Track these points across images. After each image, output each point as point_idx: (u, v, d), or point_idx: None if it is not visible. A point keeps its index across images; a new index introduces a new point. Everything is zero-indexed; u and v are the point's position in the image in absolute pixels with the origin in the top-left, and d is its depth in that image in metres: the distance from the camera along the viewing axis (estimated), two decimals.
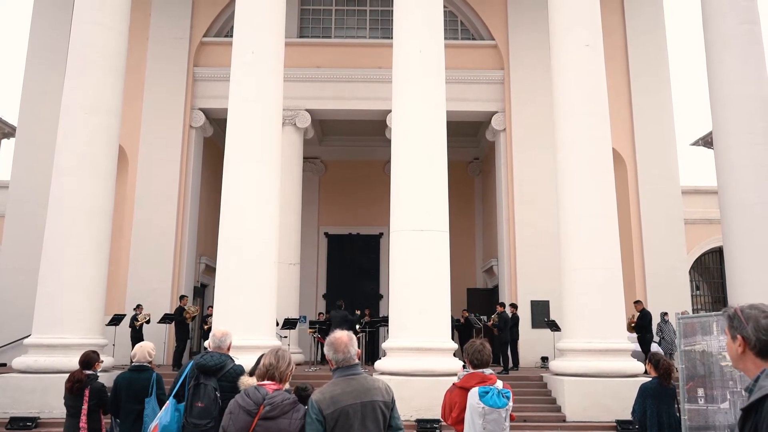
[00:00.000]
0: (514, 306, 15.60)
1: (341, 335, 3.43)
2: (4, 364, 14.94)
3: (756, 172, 12.59)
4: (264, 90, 11.91)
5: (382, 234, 21.84)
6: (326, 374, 13.22)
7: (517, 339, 15.20)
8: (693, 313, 17.69)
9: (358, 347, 3.55)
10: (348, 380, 3.34)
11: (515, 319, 15.17)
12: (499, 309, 15.26)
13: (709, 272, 21.43)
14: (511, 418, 4.50)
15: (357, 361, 3.43)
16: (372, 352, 16.95)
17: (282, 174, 12.81)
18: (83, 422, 6.15)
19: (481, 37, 18.88)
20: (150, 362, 6.14)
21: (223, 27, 18.75)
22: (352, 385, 3.31)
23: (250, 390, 3.46)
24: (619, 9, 18.77)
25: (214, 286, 11.79)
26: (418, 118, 11.63)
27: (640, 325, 14.15)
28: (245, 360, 5.32)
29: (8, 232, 16.87)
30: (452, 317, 12.45)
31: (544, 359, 15.92)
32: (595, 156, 11.88)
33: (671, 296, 16.84)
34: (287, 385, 3.58)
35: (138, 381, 5.96)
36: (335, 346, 3.38)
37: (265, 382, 3.50)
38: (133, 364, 6.14)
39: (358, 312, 17.45)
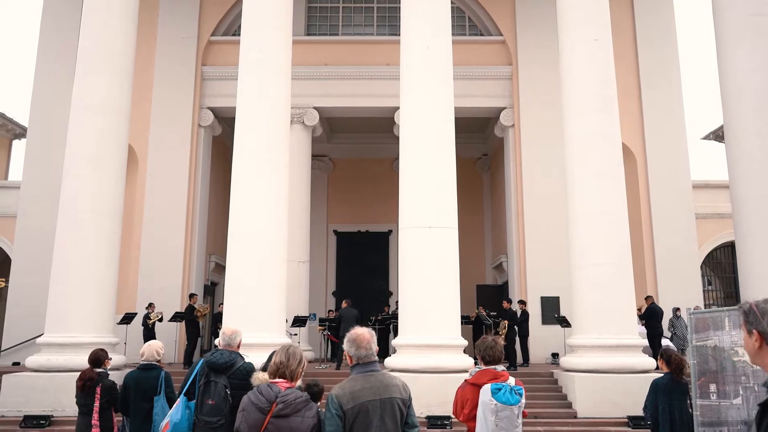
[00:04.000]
0: (522, 302, 15.55)
1: (363, 332, 3.45)
2: (18, 363, 15.08)
3: None
4: (272, 88, 11.92)
5: (391, 231, 21.83)
6: (334, 371, 13.23)
7: (528, 335, 15.15)
8: (705, 308, 17.58)
9: None
10: (367, 377, 3.36)
11: (525, 315, 15.12)
12: (505, 305, 15.22)
13: (721, 267, 21.27)
14: (523, 415, 4.48)
15: (376, 358, 3.45)
16: (382, 349, 16.97)
17: (290, 172, 12.83)
18: (95, 420, 6.19)
19: (488, 32, 18.81)
20: (158, 361, 6.16)
21: (230, 26, 18.79)
22: (371, 381, 3.34)
23: (262, 387, 3.46)
24: (629, 3, 18.64)
25: (224, 285, 11.83)
26: (426, 115, 11.60)
27: (646, 319, 14.16)
28: (255, 357, 5.33)
29: (20, 232, 17.00)
30: (461, 314, 12.43)
31: (555, 355, 15.87)
32: (605, 151, 11.81)
33: (683, 291, 16.75)
34: (299, 383, 3.58)
35: (147, 379, 5.98)
36: (358, 343, 3.40)
37: (277, 380, 3.50)
38: (141, 362, 6.16)
39: (386, 311, 17.51)
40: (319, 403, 3.63)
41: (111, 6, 12.69)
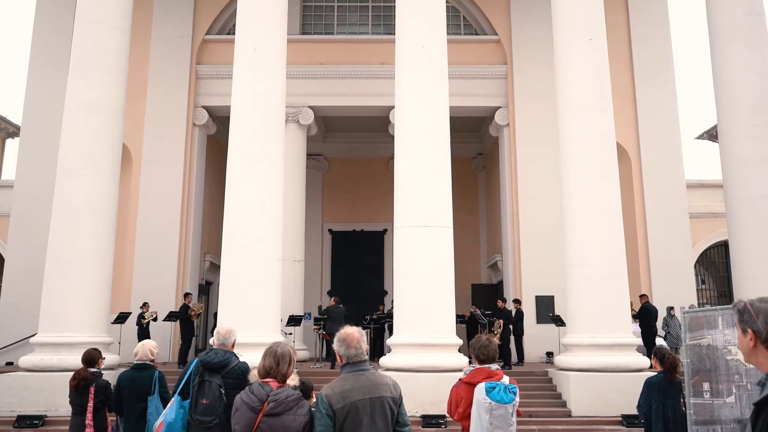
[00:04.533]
0: (517, 301, 15.56)
1: (353, 331, 3.45)
2: (11, 363, 15.01)
3: (761, 165, 12.52)
4: (267, 87, 11.90)
5: (386, 230, 21.83)
6: (328, 370, 13.22)
7: (522, 334, 15.17)
8: (698, 306, 17.64)
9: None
10: (357, 376, 3.36)
11: (519, 314, 15.14)
12: (500, 304, 15.22)
13: (715, 266, 21.36)
14: (518, 414, 4.49)
15: (366, 357, 3.45)
16: (376, 348, 16.96)
17: (285, 171, 12.81)
18: (89, 420, 6.17)
19: (483, 32, 18.82)
20: (152, 360, 6.15)
21: (225, 24, 18.75)
22: (361, 380, 3.34)
23: (254, 386, 3.48)
24: (623, 3, 18.68)
25: (219, 284, 11.81)
26: (421, 114, 11.61)
27: (640, 318, 14.20)
28: (249, 357, 5.32)
29: (13, 231, 16.93)
30: (456, 313, 12.45)
31: (549, 354, 15.91)
32: (599, 150, 11.83)
33: (676, 290, 16.81)
34: (292, 380, 3.58)
35: (140, 379, 5.96)
36: (348, 342, 3.40)
37: (268, 379, 3.51)
38: (135, 362, 6.14)
39: (381, 310, 17.50)
40: (312, 401, 3.63)
41: (105, 3, 12.64)
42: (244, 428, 3.38)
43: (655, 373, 6.56)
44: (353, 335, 3.41)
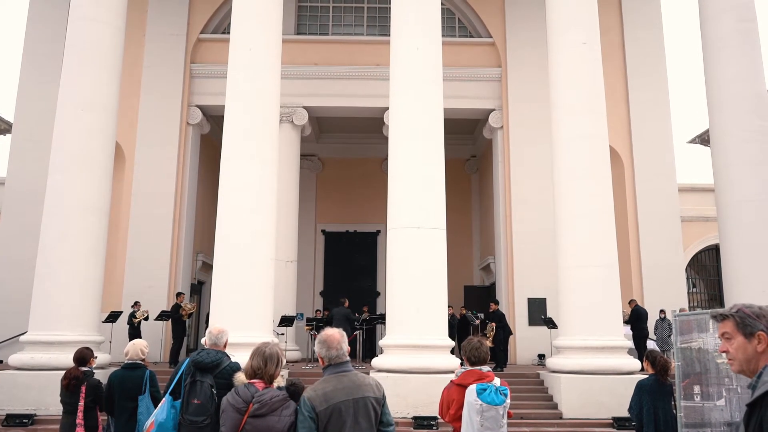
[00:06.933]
0: (495, 302, 15.45)
1: (333, 332, 3.43)
2: (0, 361, 14.92)
3: (753, 169, 12.59)
4: (261, 87, 11.88)
5: (379, 231, 21.84)
6: (320, 371, 13.21)
7: (505, 336, 15.01)
8: (689, 310, 17.73)
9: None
10: (340, 377, 3.34)
11: (497, 315, 14.93)
12: (492, 307, 15.19)
13: (706, 270, 21.47)
14: (509, 416, 4.51)
15: (348, 358, 3.43)
16: (369, 349, 16.95)
17: (279, 171, 12.80)
18: (80, 419, 6.13)
19: (478, 34, 18.87)
20: (143, 359, 6.12)
21: (220, 23, 18.71)
22: (343, 382, 3.32)
23: (240, 388, 3.48)
24: (617, 7, 18.78)
25: (211, 284, 11.77)
26: (416, 116, 11.62)
27: (632, 321, 14.23)
28: (241, 357, 5.30)
29: (4, 228, 16.82)
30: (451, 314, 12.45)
31: (541, 356, 15.94)
32: (592, 153, 11.88)
33: (668, 293, 16.89)
34: (279, 380, 3.58)
35: (131, 379, 5.93)
36: (329, 344, 3.38)
37: (255, 380, 3.51)
38: (126, 361, 6.11)
39: (365, 312, 17.47)
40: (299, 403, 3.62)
41: (99, 0, 12.57)
42: (230, 429, 3.37)
43: (647, 376, 6.58)
44: (334, 336, 3.40)
